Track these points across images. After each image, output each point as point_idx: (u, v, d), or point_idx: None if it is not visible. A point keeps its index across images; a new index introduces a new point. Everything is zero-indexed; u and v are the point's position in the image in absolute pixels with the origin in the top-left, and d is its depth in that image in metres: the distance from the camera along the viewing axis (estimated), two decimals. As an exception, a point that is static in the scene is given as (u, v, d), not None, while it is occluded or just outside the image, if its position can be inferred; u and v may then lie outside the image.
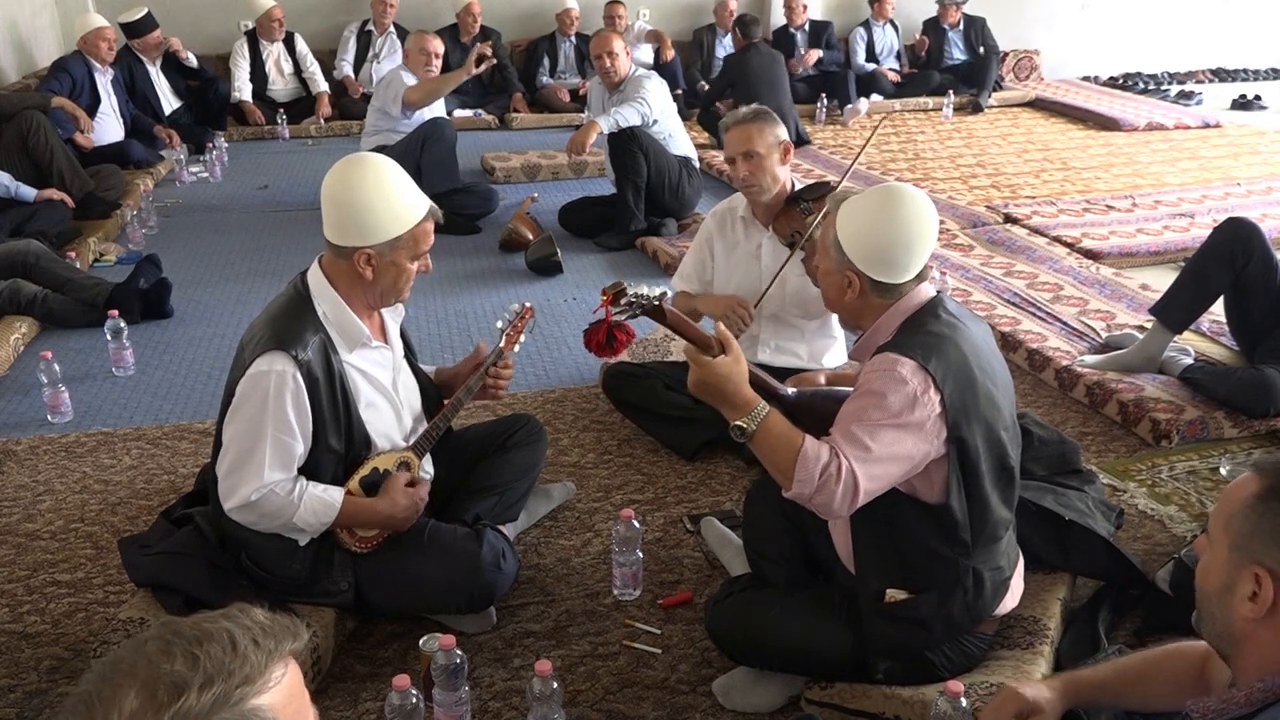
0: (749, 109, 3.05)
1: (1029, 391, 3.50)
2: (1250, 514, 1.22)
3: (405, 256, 2.14)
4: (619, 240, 5.08)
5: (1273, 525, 1.20)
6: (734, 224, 3.13)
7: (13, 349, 3.81)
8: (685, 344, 1.80)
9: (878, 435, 1.74)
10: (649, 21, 8.55)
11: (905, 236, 1.87)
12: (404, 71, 5.34)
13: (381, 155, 2.21)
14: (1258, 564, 1.20)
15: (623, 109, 4.88)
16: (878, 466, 1.74)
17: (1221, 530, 1.26)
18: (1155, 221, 5.26)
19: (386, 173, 2.13)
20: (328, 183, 2.13)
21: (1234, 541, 1.24)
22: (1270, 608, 1.18)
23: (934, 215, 1.91)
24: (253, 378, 2.06)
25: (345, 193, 2.10)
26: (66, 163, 5.18)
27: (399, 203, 2.11)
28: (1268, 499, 1.21)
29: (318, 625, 2.17)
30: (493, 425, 2.71)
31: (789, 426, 1.78)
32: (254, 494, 2.06)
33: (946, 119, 8.08)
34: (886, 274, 1.89)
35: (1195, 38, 10.02)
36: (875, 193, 1.94)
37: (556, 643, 2.28)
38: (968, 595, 1.91)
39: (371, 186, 2.09)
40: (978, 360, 1.85)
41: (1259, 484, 1.23)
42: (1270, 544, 1.20)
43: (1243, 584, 1.20)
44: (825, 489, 1.73)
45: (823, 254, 1.99)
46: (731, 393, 1.78)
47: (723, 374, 1.77)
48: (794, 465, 1.74)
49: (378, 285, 2.16)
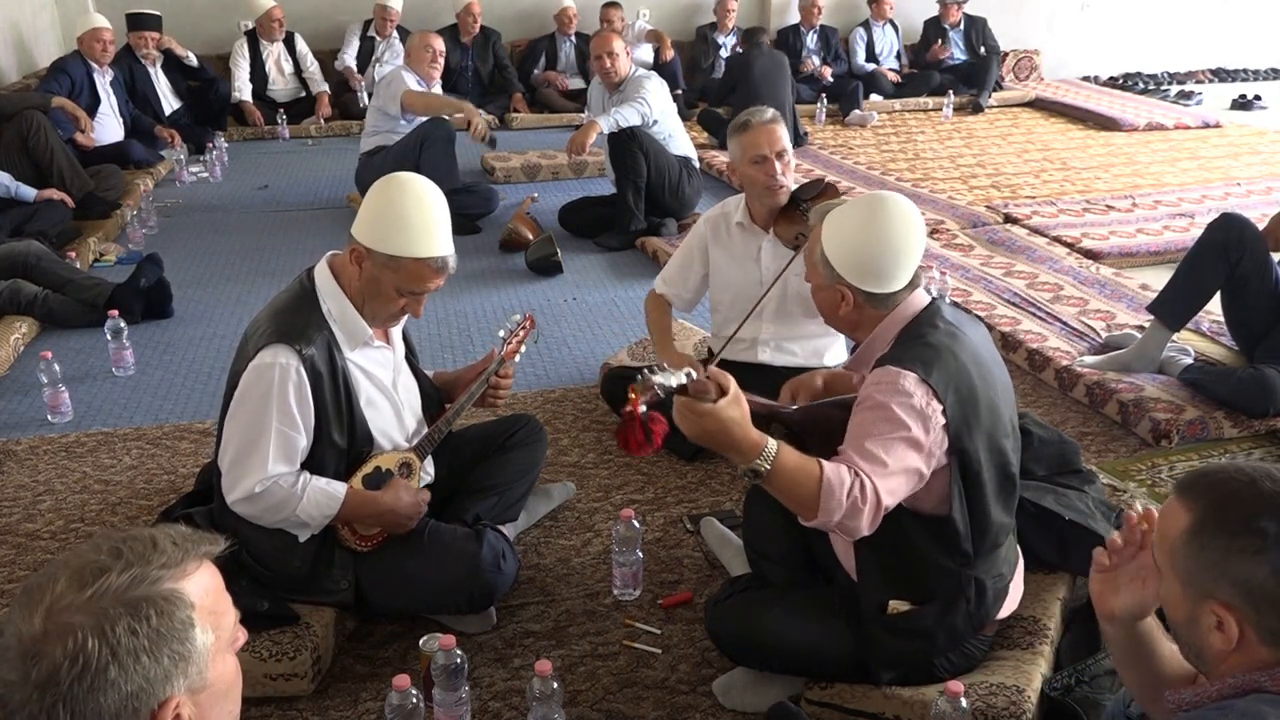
0: (768, 110, 3.05)
1: (1029, 391, 3.50)
2: (1188, 551, 1.20)
3: (392, 282, 2.11)
4: (619, 240, 5.08)
5: (1212, 559, 1.18)
6: (729, 229, 3.11)
7: (13, 349, 3.82)
8: (678, 400, 1.61)
9: (891, 449, 1.72)
10: (649, 21, 8.55)
11: (891, 245, 1.86)
12: (406, 71, 5.34)
13: (436, 188, 2.16)
14: (1212, 599, 1.18)
15: (623, 109, 4.88)
16: (894, 480, 1.72)
17: (1168, 566, 1.24)
18: (1155, 221, 5.26)
19: (430, 202, 2.12)
20: (383, 179, 2.15)
21: (1183, 578, 1.22)
22: (1240, 636, 1.17)
23: (919, 221, 1.91)
24: (256, 370, 2.06)
25: (386, 192, 2.12)
26: (66, 163, 5.18)
27: (419, 231, 2.09)
28: (1201, 532, 1.19)
29: (318, 625, 2.17)
30: (493, 425, 2.71)
31: (802, 458, 1.68)
32: (257, 486, 2.06)
33: (946, 119, 8.09)
34: (877, 284, 1.88)
35: (1195, 38, 10.03)
36: (857, 204, 1.94)
37: (556, 643, 2.28)
38: (970, 605, 1.90)
39: (410, 202, 2.10)
40: (978, 368, 1.84)
41: (1188, 518, 1.21)
42: (1218, 578, 1.17)
43: (1204, 618, 1.19)
44: (854, 512, 1.67)
45: (812, 271, 1.98)
46: (739, 437, 1.63)
47: (727, 418, 1.61)
48: (818, 496, 1.66)
49: (362, 292, 2.15)
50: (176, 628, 1.01)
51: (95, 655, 0.96)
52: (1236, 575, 1.16)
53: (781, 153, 2.96)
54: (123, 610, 0.98)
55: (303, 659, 2.09)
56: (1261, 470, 1.20)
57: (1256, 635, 1.16)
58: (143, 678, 0.98)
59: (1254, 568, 1.15)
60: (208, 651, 1.04)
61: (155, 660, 0.99)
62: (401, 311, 2.20)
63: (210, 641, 1.04)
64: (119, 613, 0.98)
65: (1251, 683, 1.16)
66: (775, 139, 2.97)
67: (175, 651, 1.01)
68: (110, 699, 0.97)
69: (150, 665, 0.99)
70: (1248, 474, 1.20)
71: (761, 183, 2.98)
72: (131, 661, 0.98)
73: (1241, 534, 1.16)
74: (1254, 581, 1.15)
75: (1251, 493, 1.18)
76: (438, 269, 2.14)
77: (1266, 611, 1.15)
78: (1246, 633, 1.17)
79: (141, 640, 0.98)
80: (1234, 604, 1.17)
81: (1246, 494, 1.18)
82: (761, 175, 2.97)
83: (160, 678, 0.99)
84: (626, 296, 4.46)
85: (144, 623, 0.99)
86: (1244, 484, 1.19)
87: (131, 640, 0.98)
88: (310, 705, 2.11)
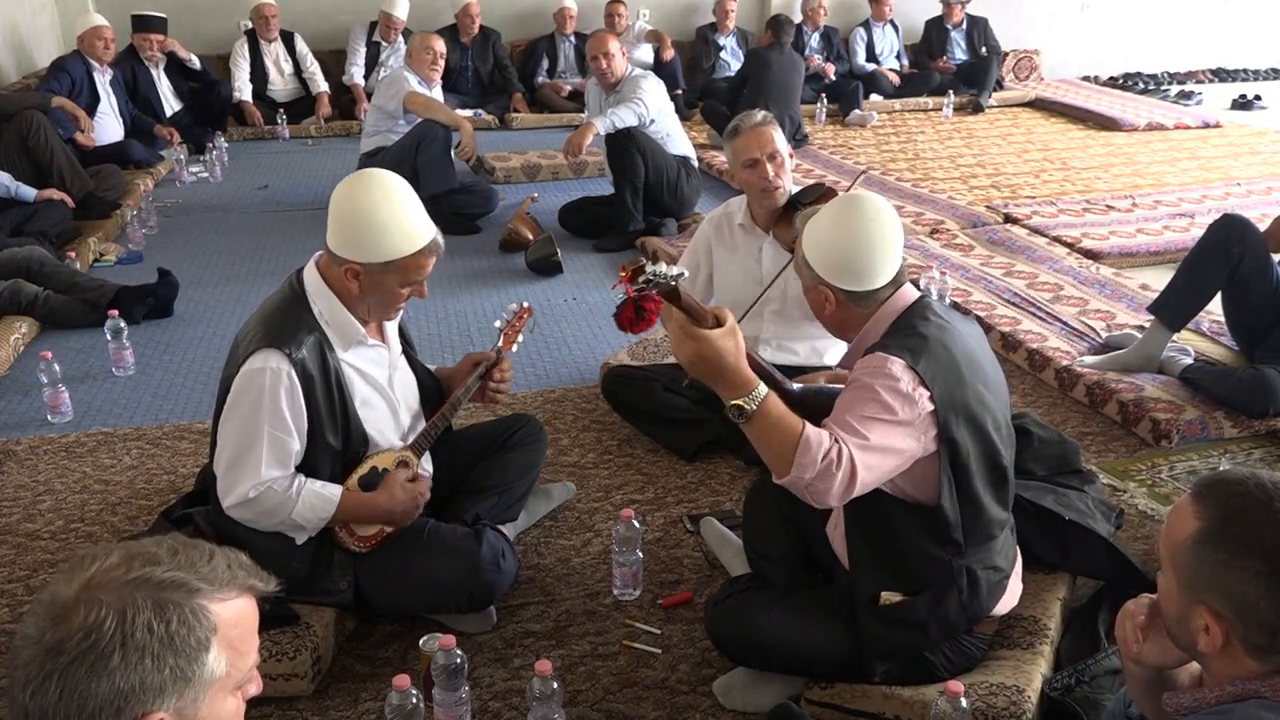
0: (759, 113, 3.05)
1: (1029, 391, 3.50)
2: (1191, 556, 1.21)
3: (395, 282, 2.13)
4: (618, 241, 5.07)
5: (1213, 570, 1.18)
6: (732, 230, 3.13)
7: (13, 349, 3.81)
8: (678, 316, 1.69)
9: (873, 427, 1.74)
10: (649, 21, 8.55)
11: (865, 243, 1.89)
12: (407, 72, 5.34)
13: (396, 176, 2.17)
14: (1204, 604, 1.19)
15: (619, 110, 4.87)
16: (874, 456, 1.74)
17: (1169, 562, 1.25)
18: (1155, 221, 5.26)
19: (396, 196, 2.11)
20: (337, 193, 2.13)
21: (1181, 578, 1.23)
22: (1224, 643, 1.18)
23: (892, 217, 1.93)
24: (247, 375, 2.06)
25: (350, 206, 2.09)
26: (67, 163, 5.18)
27: (400, 229, 2.09)
28: (1206, 542, 1.20)
29: (318, 625, 2.17)
30: (493, 425, 2.71)
31: (788, 411, 1.73)
32: (252, 491, 2.06)
33: (946, 119, 8.08)
34: (855, 282, 1.90)
35: (1195, 38, 10.03)
36: (830, 205, 1.98)
37: (556, 643, 2.28)
38: (963, 595, 1.91)
39: (378, 206, 2.08)
40: (968, 360, 1.85)
41: (1197, 525, 1.21)
42: (1212, 588, 1.19)
43: (1195, 619, 1.20)
44: (826, 474, 1.70)
45: (799, 273, 2.02)
46: (730, 369, 1.69)
47: (722, 346, 1.68)
48: (794, 450, 1.69)
49: (365, 300, 2.16)
50: (191, 644, 1.00)
51: (107, 636, 0.96)
52: (1232, 590, 1.17)
53: (774, 154, 2.97)
54: (150, 604, 0.99)
55: (303, 659, 2.09)
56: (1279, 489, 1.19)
57: (1242, 646, 1.18)
58: (138, 679, 0.97)
59: (1250, 588, 1.16)
60: (211, 682, 1.02)
61: (157, 667, 0.98)
62: (408, 297, 2.20)
63: (219, 673, 1.02)
64: (145, 605, 0.98)
65: (1250, 690, 1.17)
66: (766, 141, 2.97)
67: (178, 668, 0.99)
68: (102, 687, 0.96)
69: (150, 670, 0.97)
70: (1267, 492, 1.19)
71: (757, 185, 2.99)
72: (136, 658, 0.97)
73: (1245, 554, 1.16)
74: (1247, 600, 1.16)
75: (1265, 514, 1.17)
76: (432, 252, 2.15)
77: (1253, 628, 1.17)
78: (1233, 641, 1.18)
79: (154, 641, 0.98)
80: (1224, 614, 1.18)
81: (1261, 514, 1.17)
82: (755, 178, 2.99)
83: (154, 686, 0.98)
84: (626, 296, 4.44)
85: (164, 625, 0.98)
86: (1260, 503, 1.18)
87: (145, 636, 0.97)
88: (310, 705, 2.11)
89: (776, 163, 2.97)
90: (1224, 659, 1.19)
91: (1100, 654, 2.08)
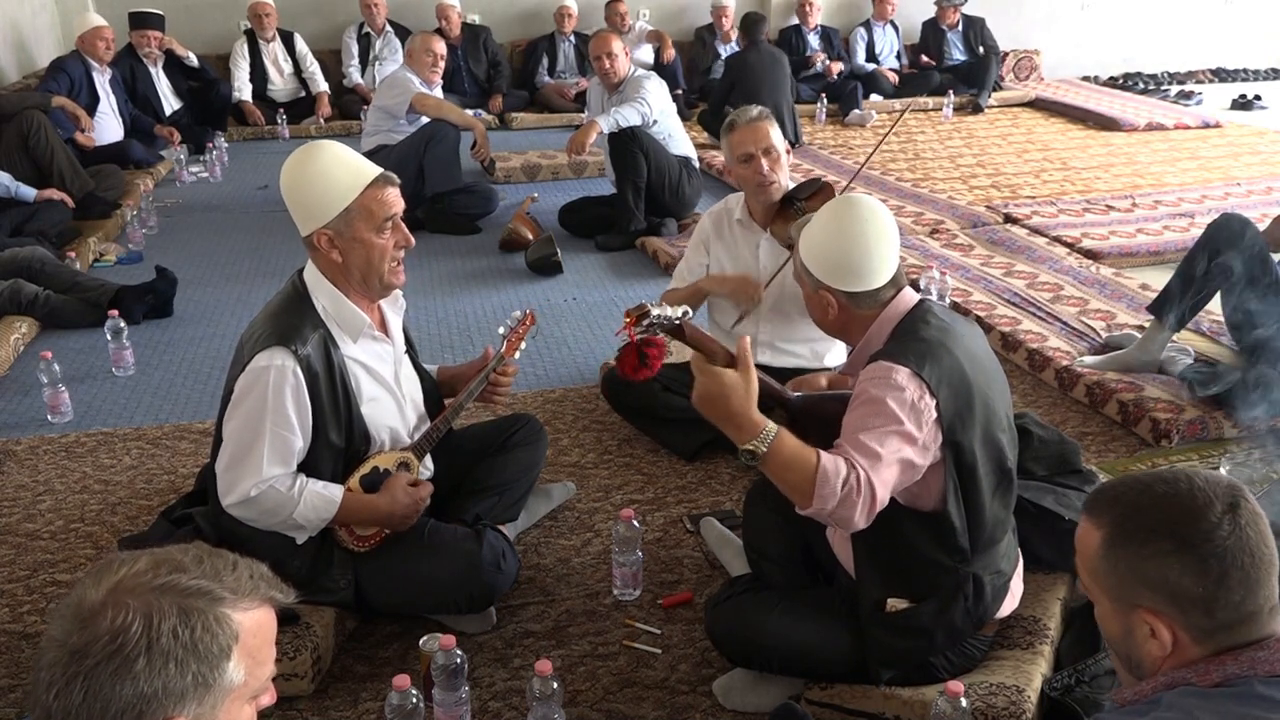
0: (755, 109, 3.05)
1: (1029, 391, 3.50)
2: (1106, 565, 1.23)
3: (365, 229, 2.12)
4: (619, 240, 5.08)
5: (1129, 568, 1.21)
6: (730, 225, 3.13)
7: (13, 349, 3.82)
8: (693, 353, 1.72)
9: (885, 441, 1.73)
10: (650, 21, 8.55)
11: (861, 242, 1.89)
12: (408, 73, 5.33)
13: (324, 140, 2.22)
14: (1140, 607, 1.21)
15: (622, 109, 4.88)
16: (888, 472, 1.73)
17: (1093, 584, 1.27)
18: (1155, 221, 5.26)
19: (325, 152, 2.14)
20: (281, 179, 2.16)
21: (1108, 593, 1.25)
22: (1174, 640, 1.20)
23: (886, 216, 1.93)
24: (252, 373, 2.06)
25: (290, 181, 2.14)
26: (67, 163, 5.19)
27: (338, 176, 2.11)
28: (1114, 545, 1.22)
29: (318, 625, 2.17)
30: (493, 425, 2.71)
31: (800, 444, 1.71)
32: (253, 489, 2.06)
33: (946, 119, 8.09)
34: (854, 283, 1.90)
35: (1195, 38, 10.03)
36: (825, 209, 1.98)
37: (556, 643, 2.28)
38: (968, 602, 1.91)
39: (310, 167, 2.11)
40: (971, 363, 1.85)
41: (1099, 535, 1.24)
42: (1138, 585, 1.20)
43: (1138, 628, 1.22)
44: (848, 502, 1.69)
45: (799, 279, 2.02)
46: (738, 411, 1.68)
47: (730, 386, 1.67)
48: (813, 483, 1.68)
49: (354, 268, 2.15)
50: (214, 651, 1.01)
51: (133, 641, 0.97)
52: (1154, 579, 1.19)
53: (769, 149, 2.96)
54: (175, 610, 1.00)
55: (303, 659, 2.09)
56: (1154, 475, 1.25)
57: (1188, 635, 1.19)
58: (162, 684, 0.98)
59: (1169, 570, 1.18)
60: (230, 690, 1.03)
61: (180, 673, 0.99)
62: (397, 249, 2.18)
63: (238, 681, 1.03)
64: (171, 611, 1.00)
65: (1180, 679, 1.19)
66: (761, 136, 2.97)
67: (200, 674, 1.00)
68: (125, 691, 0.97)
69: (174, 675, 0.99)
70: (1143, 482, 1.24)
71: (753, 180, 2.99)
72: (160, 663, 0.98)
73: (1150, 539, 1.20)
74: (1171, 582, 1.18)
75: (1148, 499, 1.22)
76: (384, 184, 2.15)
77: (1191, 610, 1.18)
78: (1179, 635, 1.19)
79: (178, 647, 0.99)
80: (1160, 609, 1.19)
81: (1144, 501, 1.22)
82: (751, 173, 2.99)
83: (176, 692, 0.99)
84: (626, 296, 4.45)
85: (189, 631, 1.00)
86: (1140, 492, 1.24)
87: (171, 642, 0.99)
88: (310, 705, 2.11)
89: (772, 158, 2.97)
90: (1174, 659, 1.21)
91: (1100, 654, 2.08)
